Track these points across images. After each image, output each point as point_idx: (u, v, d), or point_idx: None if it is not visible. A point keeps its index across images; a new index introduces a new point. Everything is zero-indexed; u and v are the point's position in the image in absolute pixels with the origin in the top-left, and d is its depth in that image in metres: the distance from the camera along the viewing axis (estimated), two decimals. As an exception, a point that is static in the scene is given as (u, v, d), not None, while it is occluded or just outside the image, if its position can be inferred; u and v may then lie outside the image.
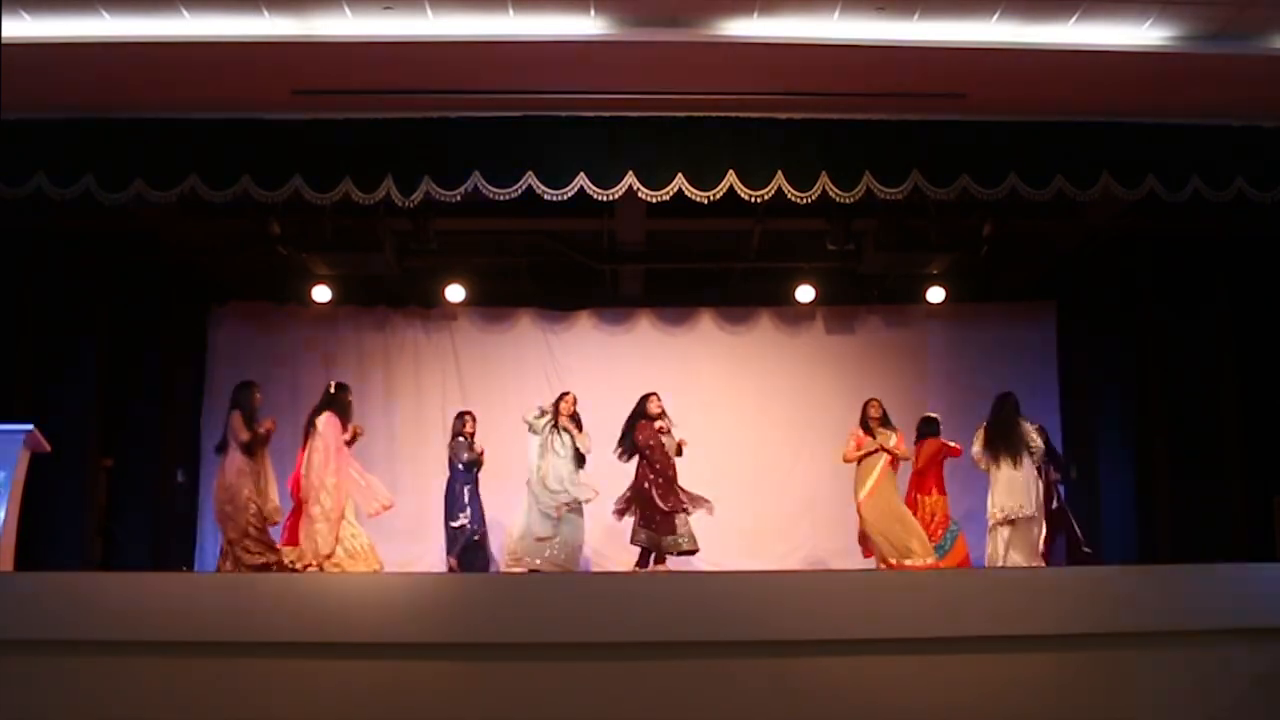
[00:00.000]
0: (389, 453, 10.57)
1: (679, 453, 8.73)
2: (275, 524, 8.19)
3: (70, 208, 7.68)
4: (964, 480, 9.56)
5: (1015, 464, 8.44)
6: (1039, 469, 8.66)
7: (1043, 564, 8.49)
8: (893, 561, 8.46)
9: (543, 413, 8.85)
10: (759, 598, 6.24)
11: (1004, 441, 8.51)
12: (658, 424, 8.72)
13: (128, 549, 9.38)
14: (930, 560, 8.50)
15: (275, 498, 8.18)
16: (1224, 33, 6.63)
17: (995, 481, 8.50)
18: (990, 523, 8.49)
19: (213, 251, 9.70)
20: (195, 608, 6.11)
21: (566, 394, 8.99)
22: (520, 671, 5.97)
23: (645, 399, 8.87)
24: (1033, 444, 8.53)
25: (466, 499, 8.97)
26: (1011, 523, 8.38)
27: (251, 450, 8.11)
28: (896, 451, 8.77)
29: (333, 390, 8.52)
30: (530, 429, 8.80)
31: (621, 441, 8.77)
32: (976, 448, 8.62)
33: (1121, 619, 6.18)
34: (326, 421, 8.29)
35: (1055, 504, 9.01)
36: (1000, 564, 8.33)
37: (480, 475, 9.14)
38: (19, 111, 6.97)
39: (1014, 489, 8.40)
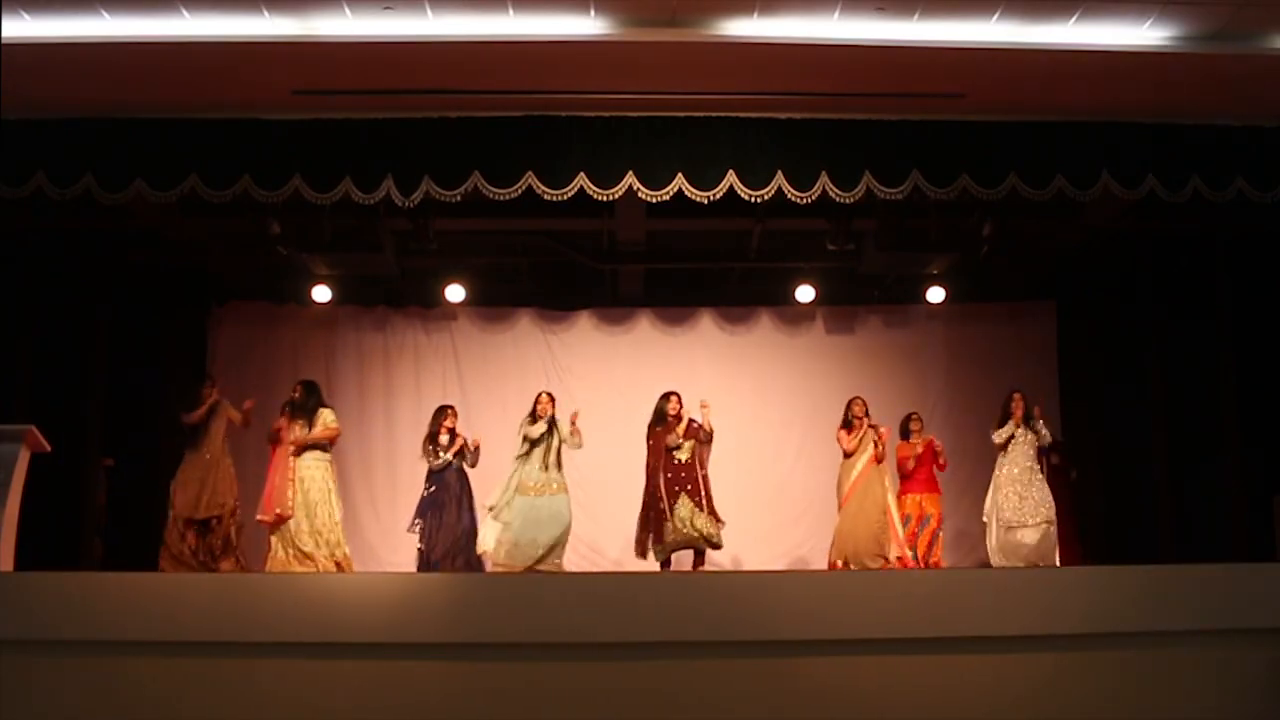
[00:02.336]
0: (388, 452, 10.58)
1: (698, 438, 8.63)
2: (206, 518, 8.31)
3: (70, 208, 7.68)
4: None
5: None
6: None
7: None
8: (853, 565, 8.46)
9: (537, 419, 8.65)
10: (759, 598, 6.25)
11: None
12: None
13: (128, 549, 9.37)
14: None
15: (216, 496, 8.34)
16: (1224, 33, 6.64)
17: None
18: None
19: (213, 251, 9.69)
20: (195, 608, 6.12)
21: (541, 394, 8.80)
22: (520, 671, 5.97)
23: (664, 399, 8.75)
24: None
25: (423, 507, 8.60)
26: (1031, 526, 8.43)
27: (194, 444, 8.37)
28: (879, 449, 8.75)
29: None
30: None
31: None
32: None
33: (1122, 619, 6.19)
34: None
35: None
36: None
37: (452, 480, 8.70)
38: (19, 111, 6.98)
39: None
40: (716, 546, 8.52)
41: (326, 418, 8.55)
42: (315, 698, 5.92)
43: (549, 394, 8.81)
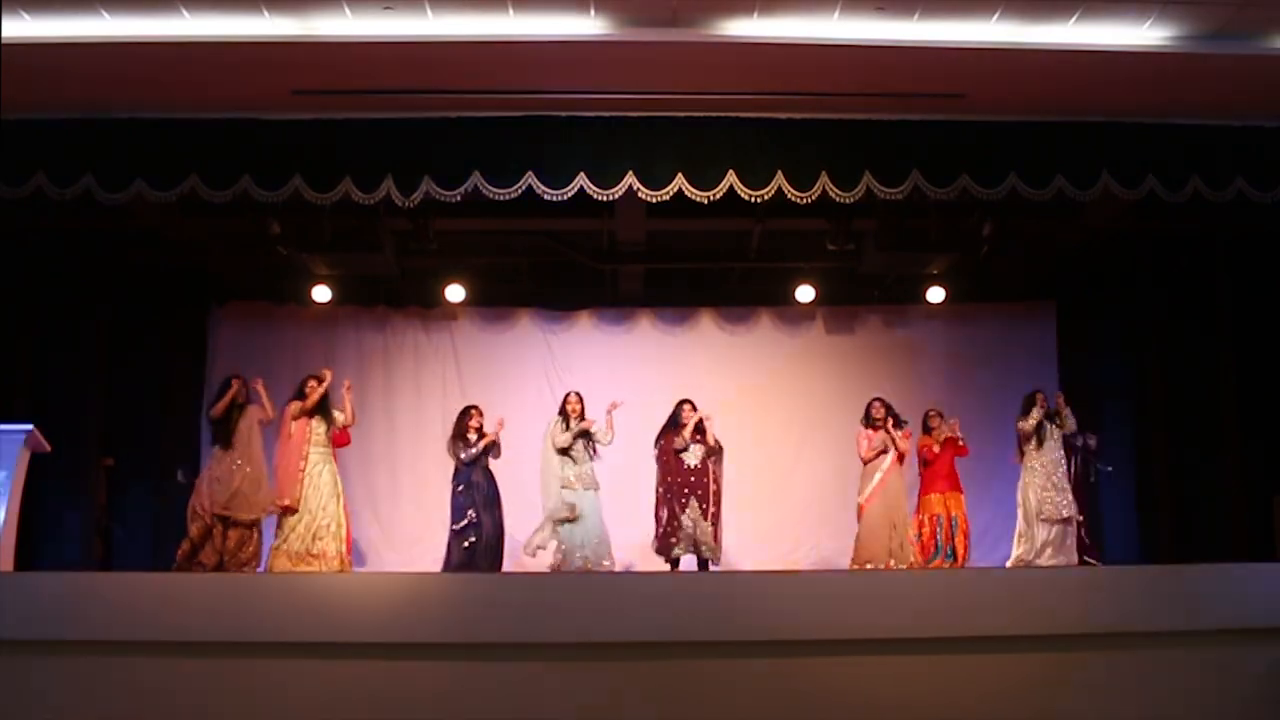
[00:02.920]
0: (388, 453, 10.57)
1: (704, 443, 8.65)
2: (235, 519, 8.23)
3: (70, 208, 7.68)
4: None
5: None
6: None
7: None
8: (880, 566, 8.46)
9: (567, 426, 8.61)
10: (759, 598, 6.25)
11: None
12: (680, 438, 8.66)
13: (128, 549, 9.37)
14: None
15: (247, 499, 8.23)
16: (1224, 33, 6.63)
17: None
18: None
19: (213, 251, 9.69)
20: (195, 608, 6.12)
21: (570, 394, 8.81)
22: (520, 671, 5.98)
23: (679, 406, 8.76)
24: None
25: (467, 502, 8.55)
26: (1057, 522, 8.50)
27: (223, 443, 8.28)
28: (901, 447, 8.74)
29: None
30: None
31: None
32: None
33: (1121, 619, 6.20)
34: None
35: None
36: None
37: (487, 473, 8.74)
38: (19, 111, 6.98)
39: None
40: (710, 562, 8.50)
41: (338, 415, 8.62)
42: (316, 698, 5.92)
43: (578, 394, 8.79)
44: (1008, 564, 8.69)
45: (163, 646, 5.95)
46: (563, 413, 8.67)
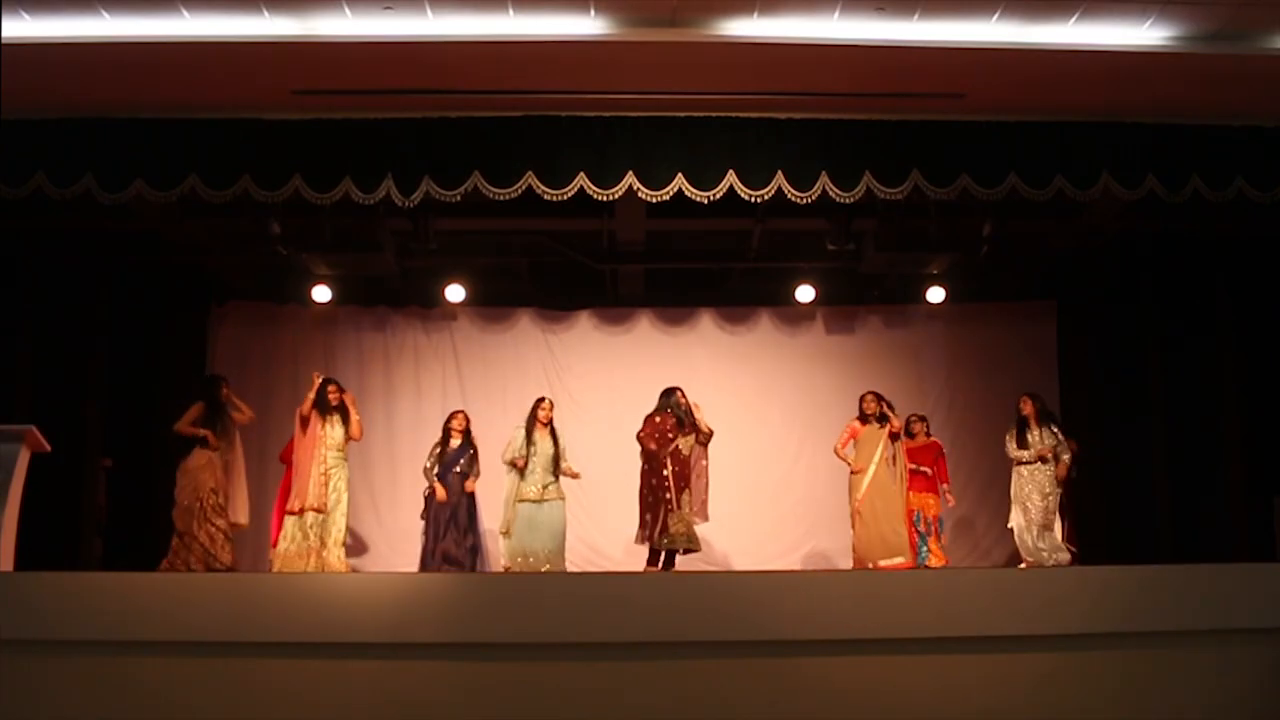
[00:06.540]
0: (388, 453, 10.57)
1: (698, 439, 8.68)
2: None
3: (70, 208, 7.68)
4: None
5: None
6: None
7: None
8: (881, 564, 8.48)
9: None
10: (759, 598, 6.25)
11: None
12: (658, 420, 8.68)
13: (128, 549, 9.37)
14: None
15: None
16: (1224, 33, 6.64)
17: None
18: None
19: (213, 251, 9.69)
20: (195, 608, 6.12)
21: (543, 400, 8.88)
22: (520, 671, 5.98)
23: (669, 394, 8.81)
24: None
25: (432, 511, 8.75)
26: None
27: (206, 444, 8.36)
28: (893, 429, 8.82)
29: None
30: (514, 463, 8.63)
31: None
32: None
33: (1122, 619, 6.20)
34: None
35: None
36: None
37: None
38: (19, 111, 6.98)
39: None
40: (693, 550, 8.57)
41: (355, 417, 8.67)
42: (316, 698, 5.92)
43: (550, 400, 8.83)
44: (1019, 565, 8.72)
45: (163, 646, 5.95)
46: (532, 418, 8.68)
